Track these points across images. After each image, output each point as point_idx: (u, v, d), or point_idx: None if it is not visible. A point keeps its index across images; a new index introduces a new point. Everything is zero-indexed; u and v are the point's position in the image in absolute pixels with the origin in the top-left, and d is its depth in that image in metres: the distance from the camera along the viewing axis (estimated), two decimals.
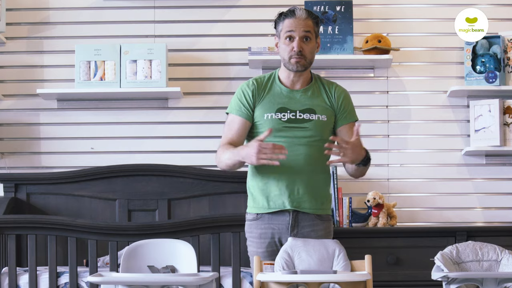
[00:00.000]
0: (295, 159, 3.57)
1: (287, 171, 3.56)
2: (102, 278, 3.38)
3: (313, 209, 3.60)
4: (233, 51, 5.20)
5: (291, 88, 3.66)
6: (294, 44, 3.58)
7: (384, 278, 4.62)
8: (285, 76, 3.67)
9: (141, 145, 5.18)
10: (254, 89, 3.66)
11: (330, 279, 3.28)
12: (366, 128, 5.14)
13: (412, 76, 5.20)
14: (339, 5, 5.10)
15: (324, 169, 3.65)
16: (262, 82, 3.69)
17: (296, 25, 3.58)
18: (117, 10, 5.23)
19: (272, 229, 3.60)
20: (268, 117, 3.61)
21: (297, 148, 3.58)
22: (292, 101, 3.63)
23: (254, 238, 3.63)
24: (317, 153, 3.59)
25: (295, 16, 3.59)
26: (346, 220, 4.91)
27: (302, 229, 3.59)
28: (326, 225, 3.63)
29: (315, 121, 3.61)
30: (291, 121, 3.60)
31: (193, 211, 5.00)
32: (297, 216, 3.59)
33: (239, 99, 3.67)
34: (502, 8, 5.20)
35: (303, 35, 3.58)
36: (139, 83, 5.03)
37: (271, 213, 3.60)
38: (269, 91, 3.66)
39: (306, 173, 3.58)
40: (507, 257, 3.63)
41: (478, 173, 5.15)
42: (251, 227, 3.64)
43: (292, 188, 3.58)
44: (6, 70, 5.21)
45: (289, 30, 3.59)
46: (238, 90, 3.70)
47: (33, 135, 5.17)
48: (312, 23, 3.62)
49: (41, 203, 5.01)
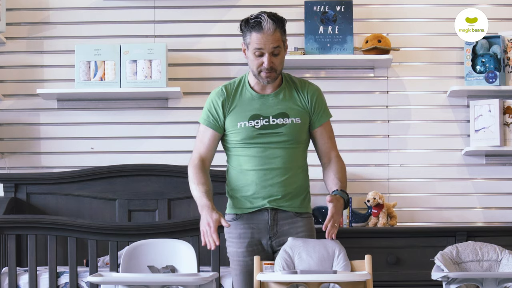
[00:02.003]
0: (272, 161, 3.57)
1: (265, 175, 3.56)
2: (102, 278, 3.38)
3: (291, 207, 3.59)
4: (233, 51, 5.19)
5: (262, 93, 3.63)
6: (264, 60, 3.51)
7: (384, 278, 4.62)
8: (255, 81, 3.63)
9: (141, 145, 5.18)
10: (224, 99, 3.61)
11: (330, 279, 3.28)
12: (366, 128, 5.16)
13: (412, 76, 5.20)
14: (339, 5, 5.10)
15: (301, 168, 3.64)
16: (232, 89, 3.64)
17: (265, 41, 3.49)
18: (117, 10, 5.23)
19: (252, 228, 3.59)
20: (241, 125, 3.57)
21: (273, 152, 3.57)
22: (264, 107, 3.60)
23: (233, 239, 3.63)
24: (294, 154, 3.59)
25: (263, 31, 3.49)
26: (346, 220, 4.91)
27: (281, 227, 3.58)
28: (306, 221, 3.63)
29: (289, 125, 3.58)
30: (264, 127, 3.57)
31: (193, 211, 4.99)
32: (276, 214, 3.59)
33: (209, 109, 3.64)
34: (502, 8, 5.20)
35: (272, 51, 3.52)
36: (139, 83, 5.03)
37: (250, 213, 3.60)
38: (239, 98, 3.62)
39: (284, 176, 3.58)
40: (507, 257, 3.63)
41: (478, 173, 5.15)
42: (230, 228, 3.63)
43: (271, 191, 3.57)
44: (6, 70, 5.21)
45: (258, 47, 3.50)
46: (208, 99, 3.66)
47: (33, 135, 5.17)
48: (279, 34, 3.52)
49: (41, 203, 5.01)
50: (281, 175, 3.57)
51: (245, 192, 3.60)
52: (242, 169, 3.59)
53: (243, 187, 3.60)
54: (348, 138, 5.10)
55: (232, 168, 3.65)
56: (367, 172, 5.15)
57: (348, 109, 5.13)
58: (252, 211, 3.60)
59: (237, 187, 3.62)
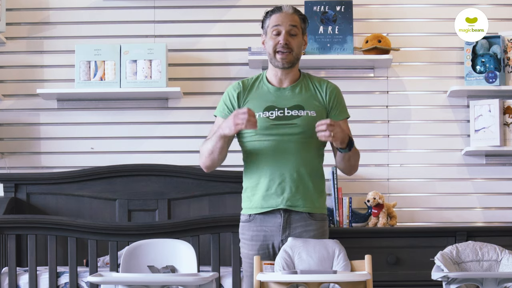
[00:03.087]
0: (285, 157, 3.56)
1: (278, 169, 3.56)
2: (102, 278, 3.38)
3: (305, 207, 3.57)
4: (233, 51, 5.20)
5: (279, 86, 3.65)
6: (280, 38, 3.58)
7: (384, 278, 4.62)
8: (272, 74, 3.66)
9: (141, 145, 5.18)
10: (240, 91, 3.65)
11: (330, 279, 3.28)
12: (366, 128, 5.16)
13: (412, 76, 5.20)
14: (339, 5, 5.10)
15: (316, 166, 3.62)
16: (249, 83, 3.68)
17: (283, 19, 3.59)
18: (117, 10, 5.23)
19: (264, 231, 3.58)
20: (256, 116, 3.59)
21: (287, 146, 3.56)
22: (280, 99, 3.61)
23: (246, 240, 3.62)
24: (308, 150, 3.58)
25: (281, 11, 3.61)
26: (346, 220, 4.92)
27: (294, 230, 3.57)
28: (320, 224, 3.60)
29: (304, 117, 3.58)
30: (279, 119, 3.57)
31: (193, 211, 5.00)
32: (289, 217, 3.57)
33: (224, 101, 3.68)
34: (502, 8, 5.20)
35: (289, 29, 3.59)
36: (139, 83, 5.03)
37: (263, 214, 3.58)
38: (256, 91, 3.65)
39: (297, 171, 3.56)
40: (507, 257, 3.63)
41: (478, 173, 5.15)
42: (243, 229, 3.64)
43: (284, 186, 3.56)
44: (6, 70, 5.21)
45: (275, 24, 3.59)
46: (225, 93, 3.70)
47: (33, 135, 5.17)
48: (298, 19, 3.63)
49: (41, 203, 5.01)
50: (294, 169, 3.56)
51: (259, 188, 3.58)
52: (256, 164, 3.57)
53: (257, 183, 3.59)
54: None
55: (247, 164, 3.64)
56: (367, 172, 5.15)
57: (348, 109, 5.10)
58: (266, 212, 3.58)
59: (252, 184, 3.61)
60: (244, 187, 3.67)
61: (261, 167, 3.57)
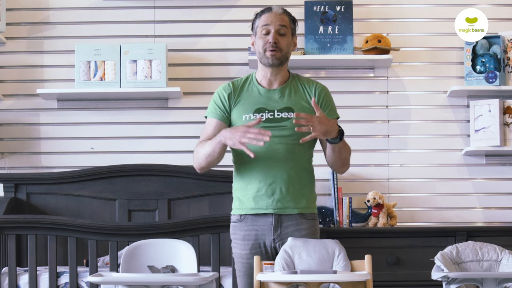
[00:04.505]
0: (275, 159, 3.56)
1: (268, 171, 3.56)
2: (102, 278, 3.38)
3: (296, 208, 3.57)
4: (233, 51, 5.20)
5: (268, 88, 3.65)
6: (270, 37, 3.59)
7: (384, 278, 4.62)
8: (262, 75, 3.67)
9: (141, 145, 5.18)
10: (230, 92, 3.65)
11: (330, 279, 3.28)
12: (366, 128, 5.16)
13: (412, 76, 5.20)
14: (339, 5, 5.10)
15: (306, 168, 3.63)
16: (239, 84, 3.68)
17: (272, 19, 3.60)
18: (117, 10, 5.23)
19: (256, 230, 3.58)
20: (246, 118, 3.59)
21: (277, 148, 3.56)
22: (270, 101, 3.62)
23: (238, 240, 3.62)
24: (298, 151, 3.58)
25: (271, 11, 3.62)
26: (346, 220, 4.92)
27: (285, 229, 3.57)
28: (311, 223, 3.61)
29: (293, 119, 3.57)
30: (269, 121, 3.58)
31: (193, 211, 5.00)
32: (280, 216, 3.57)
33: (215, 102, 3.68)
34: (502, 8, 5.20)
35: (278, 28, 3.59)
36: (139, 83, 5.03)
37: (254, 214, 3.59)
38: (246, 92, 3.65)
39: (287, 173, 3.57)
40: (507, 257, 3.63)
41: (478, 173, 5.15)
42: (235, 229, 3.64)
43: (274, 188, 3.56)
44: (6, 70, 5.21)
45: (265, 24, 3.60)
46: (215, 94, 3.70)
47: (33, 135, 5.17)
48: (288, 19, 3.64)
49: (41, 203, 5.01)
50: (284, 170, 3.56)
51: (249, 189, 3.58)
52: (246, 166, 3.59)
53: (247, 184, 3.59)
54: (348, 138, 5.03)
55: (237, 166, 3.65)
56: (367, 172, 5.15)
57: (348, 109, 5.13)
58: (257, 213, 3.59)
59: (242, 185, 3.62)
60: (234, 187, 3.68)
61: (251, 169, 3.58)
